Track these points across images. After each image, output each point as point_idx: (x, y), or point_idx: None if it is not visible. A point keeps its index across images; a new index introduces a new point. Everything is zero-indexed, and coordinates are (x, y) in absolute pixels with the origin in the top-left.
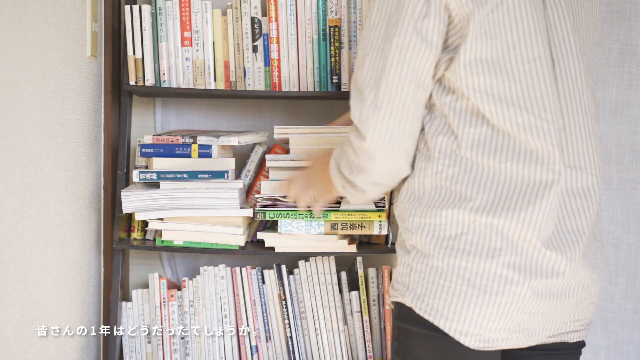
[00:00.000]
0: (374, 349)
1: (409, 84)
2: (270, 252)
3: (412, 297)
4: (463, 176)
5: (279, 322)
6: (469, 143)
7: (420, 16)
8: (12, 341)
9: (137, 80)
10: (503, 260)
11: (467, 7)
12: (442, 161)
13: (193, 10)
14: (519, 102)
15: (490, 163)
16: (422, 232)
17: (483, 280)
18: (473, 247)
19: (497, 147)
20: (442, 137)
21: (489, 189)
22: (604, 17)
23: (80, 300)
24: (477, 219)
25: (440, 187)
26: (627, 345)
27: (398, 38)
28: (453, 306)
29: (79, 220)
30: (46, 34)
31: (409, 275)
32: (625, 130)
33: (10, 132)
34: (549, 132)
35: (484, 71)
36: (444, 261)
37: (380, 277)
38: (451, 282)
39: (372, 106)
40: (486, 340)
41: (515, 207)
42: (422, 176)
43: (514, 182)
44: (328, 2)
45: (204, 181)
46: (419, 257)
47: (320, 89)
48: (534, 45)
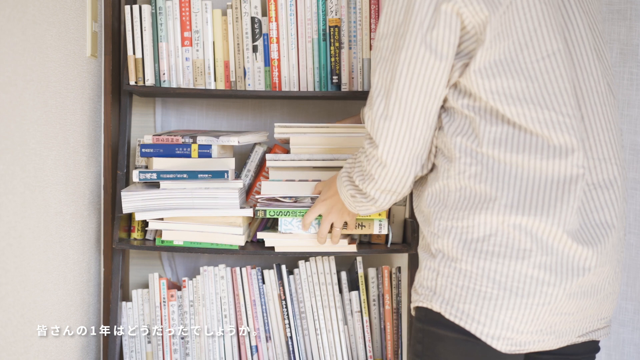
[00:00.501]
0: (374, 349)
1: (419, 95)
2: (270, 252)
3: (441, 302)
4: (486, 174)
5: (279, 322)
6: (490, 141)
7: (429, 27)
8: (12, 341)
9: (137, 80)
10: (534, 261)
11: (483, 13)
12: (464, 160)
13: (193, 10)
14: (538, 99)
15: (514, 160)
16: (449, 236)
17: (514, 282)
18: (502, 249)
19: (519, 145)
20: (462, 137)
21: (513, 187)
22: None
23: (80, 300)
24: (505, 220)
25: (464, 188)
26: (628, 345)
27: (406, 50)
28: (484, 310)
29: (79, 220)
30: (46, 34)
31: (436, 279)
32: (626, 130)
33: (10, 132)
34: (572, 126)
35: (499, 73)
36: (473, 264)
37: (380, 277)
38: (481, 286)
39: (383, 115)
40: (518, 344)
41: (543, 204)
42: (445, 177)
43: (539, 179)
44: (328, 2)
45: (204, 181)
46: (446, 261)
47: (320, 89)
48: (547, 41)
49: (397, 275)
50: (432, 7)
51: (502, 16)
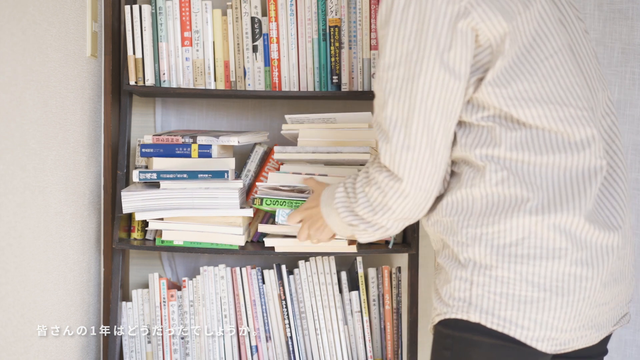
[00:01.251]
0: (374, 348)
1: (440, 119)
2: (270, 252)
3: (480, 312)
4: (514, 179)
5: (279, 322)
6: (512, 146)
7: (446, 48)
8: (12, 341)
9: (137, 80)
10: (571, 259)
11: (501, 26)
12: (489, 167)
13: (193, 10)
14: (555, 98)
15: (538, 160)
16: (480, 243)
17: (554, 282)
18: (538, 251)
19: (542, 145)
20: (482, 147)
21: (543, 187)
22: (606, 16)
23: (80, 300)
24: (538, 221)
25: (492, 194)
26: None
27: (424, 76)
28: (527, 314)
29: (79, 220)
30: (46, 34)
31: (470, 290)
32: (627, 130)
33: (10, 132)
34: (590, 118)
35: (512, 78)
36: (509, 270)
37: (380, 277)
38: (521, 290)
39: (405, 147)
40: (563, 343)
41: (574, 198)
42: (469, 186)
43: (567, 175)
44: (328, 2)
45: (204, 181)
46: (479, 269)
47: (320, 89)
48: (552, 38)
49: (397, 275)
50: (448, 27)
51: (514, 25)
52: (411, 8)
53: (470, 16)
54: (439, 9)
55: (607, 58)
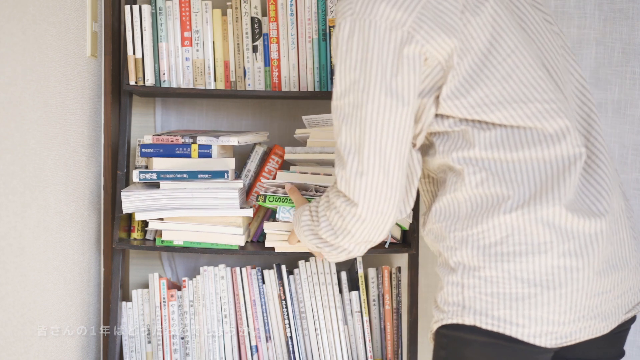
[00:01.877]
0: (374, 349)
1: (391, 144)
2: (270, 252)
3: (474, 314)
4: (493, 177)
5: (279, 322)
6: (486, 146)
7: (393, 75)
8: (12, 341)
9: (137, 80)
10: (558, 251)
11: (447, 44)
12: (467, 170)
13: (193, 10)
14: (519, 96)
15: (515, 157)
16: (467, 245)
17: (543, 277)
18: (523, 247)
19: (516, 142)
20: (457, 151)
21: (523, 182)
22: (606, 16)
23: (80, 300)
24: (519, 216)
25: (474, 196)
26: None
27: (372, 103)
28: (520, 311)
29: (79, 220)
30: (46, 34)
31: (462, 293)
32: (628, 130)
33: (10, 132)
34: (559, 109)
35: (472, 87)
36: (497, 269)
37: (380, 277)
38: (511, 288)
39: (358, 172)
40: (563, 336)
41: (553, 189)
42: (452, 191)
43: (545, 168)
44: (328, 2)
45: (203, 181)
46: (467, 271)
47: (320, 89)
48: (509, 35)
49: (397, 275)
50: (393, 54)
51: (461, 38)
52: (354, 37)
53: (414, 40)
54: (382, 38)
55: (607, 58)
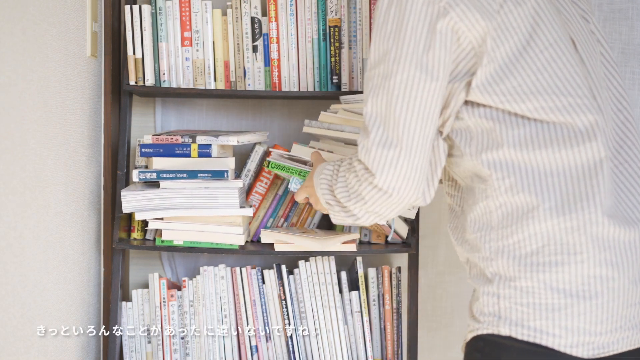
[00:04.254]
0: (374, 349)
1: (417, 119)
2: (271, 252)
3: (510, 325)
4: (521, 183)
5: (279, 322)
6: (516, 144)
7: (425, 49)
8: (12, 341)
9: (137, 80)
10: (594, 260)
11: (479, 25)
12: (496, 175)
13: (193, 10)
14: (552, 88)
15: (545, 158)
16: (502, 256)
17: (579, 287)
18: (559, 257)
19: (546, 139)
20: (486, 152)
21: (552, 188)
22: (606, 16)
23: (80, 300)
24: (555, 225)
25: (504, 204)
26: None
27: (401, 75)
28: (557, 322)
29: (79, 220)
30: (46, 34)
31: (498, 304)
32: None
33: (10, 132)
34: (592, 106)
35: (506, 75)
36: (532, 280)
37: (380, 277)
38: (547, 299)
39: (380, 144)
40: (601, 346)
41: (587, 194)
42: (484, 198)
43: (575, 170)
44: (328, 2)
45: (203, 181)
46: (504, 282)
47: (320, 89)
48: (549, 29)
49: (397, 275)
50: (427, 28)
51: (498, 22)
52: (392, 9)
53: (448, 15)
54: (418, 11)
55: None
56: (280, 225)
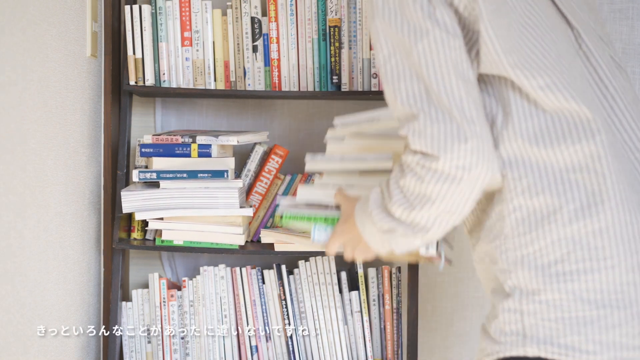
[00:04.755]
0: (374, 349)
1: (455, 82)
2: (270, 252)
3: (537, 344)
4: (540, 183)
5: (279, 322)
6: (531, 136)
7: (431, 10)
8: (12, 341)
9: (137, 80)
10: (625, 266)
11: None
12: (512, 174)
13: (193, 10)
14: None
15: (565, 153)
16: (522, 267)
17: (612, 295)
18: (587, 264)
19: (558, 135)
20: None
21: (577, 185)
22: (606, 16)
23: (80, 300)
24: (580, 228)
25: (519, 207)
26: None
27: (422, 41)
28: (590, 336)
29: (79, 220)
30: (46, 34)
31: (521, 321)
32: None
33: (10, 132)
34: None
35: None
36: (559, 291)
37: (380, 277)
38: (577, 311)
39: (433, 119)
40: None
41: (608, 191)
42: (499, 202)
43: (594, 164)
44: (328, 2)
45: (203, 181)
46: (525, 296)
47: (320, 89)
48: (546, 14)
49: (397, 275)
50: None
51: None
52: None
53: None
54: None
55: None
56: (280, 226)
